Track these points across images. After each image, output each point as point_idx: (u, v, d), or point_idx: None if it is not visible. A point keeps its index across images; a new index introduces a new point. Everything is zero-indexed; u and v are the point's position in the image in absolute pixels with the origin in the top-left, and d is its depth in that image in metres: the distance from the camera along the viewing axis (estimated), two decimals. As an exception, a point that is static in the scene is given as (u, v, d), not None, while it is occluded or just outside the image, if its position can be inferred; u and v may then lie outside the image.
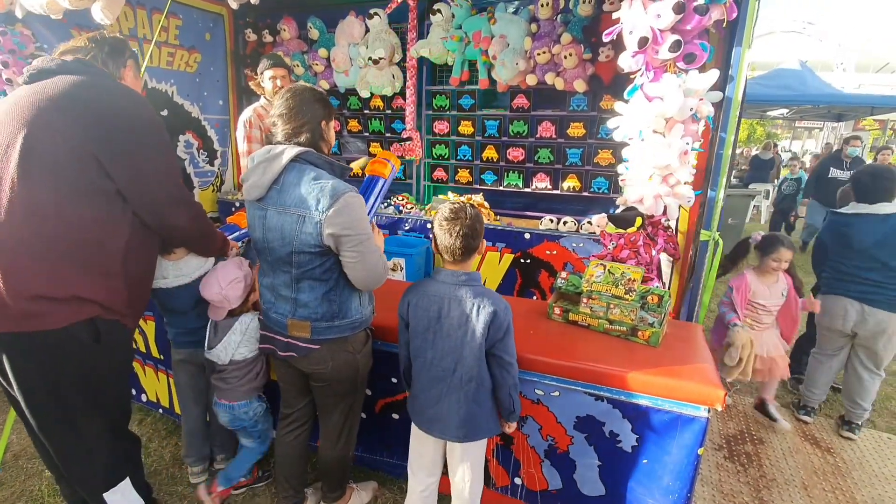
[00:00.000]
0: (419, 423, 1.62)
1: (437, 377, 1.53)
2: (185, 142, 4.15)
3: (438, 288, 1.52)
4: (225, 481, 2.05)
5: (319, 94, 1.55)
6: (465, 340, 1.48)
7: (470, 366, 1.49)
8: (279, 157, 1.45)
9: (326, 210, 1.40)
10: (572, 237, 3.29)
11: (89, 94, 1.36)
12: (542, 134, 3.68)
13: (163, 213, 1.50)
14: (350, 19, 3.81)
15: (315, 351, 1.58)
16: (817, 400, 2.83)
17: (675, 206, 1.85)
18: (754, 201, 8.81)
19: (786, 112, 10.45)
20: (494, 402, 1.58)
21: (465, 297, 1.48)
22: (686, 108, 1.74)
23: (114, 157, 1.35)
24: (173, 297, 1.85)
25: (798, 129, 19.66)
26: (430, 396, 1.56)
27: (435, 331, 1.52)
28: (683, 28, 1.77)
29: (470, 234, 1.47)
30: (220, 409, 1.95)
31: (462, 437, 1.55)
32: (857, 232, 2.51)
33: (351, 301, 1.59)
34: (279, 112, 1.51)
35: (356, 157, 3.20)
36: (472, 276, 1.52)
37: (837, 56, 14.63)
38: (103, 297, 1.41)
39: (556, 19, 3.26)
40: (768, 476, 2.35)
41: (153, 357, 2.42)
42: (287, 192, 1.45)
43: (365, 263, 1.49)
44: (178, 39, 3.91)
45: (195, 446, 2.11)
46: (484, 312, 1.45)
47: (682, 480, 1.60)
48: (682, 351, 1.74)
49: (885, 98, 9.50)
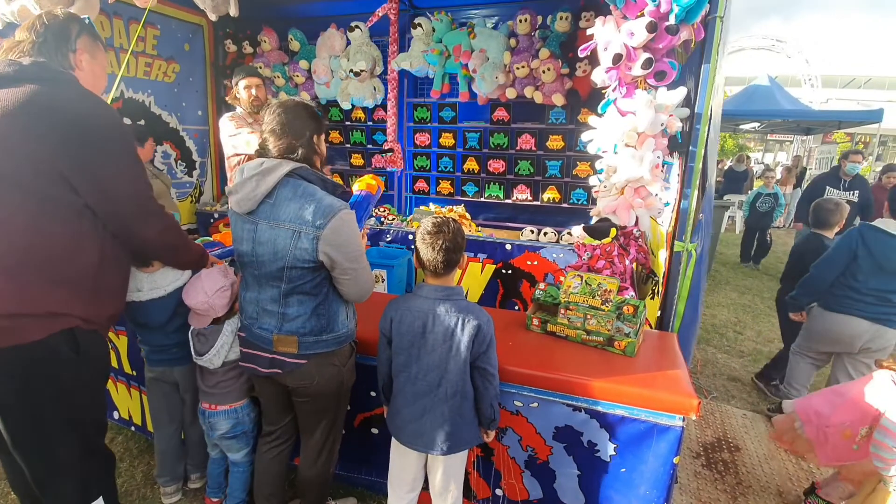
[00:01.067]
0: (401, 438, 1.61)
1: (421, 392, 1.53)
2: (162, 152, 4.09)
3: (421, 304, 1.52)
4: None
5: (310, 109, 1.54)
6: (450, 355, 1.48)
7: (455, 380, 1.50)
8: (273, 171, 1.44)
9: (323, 227, 1.40)
10: (553, 248, 3.34)
11: (49, 106, 1.30)
12: (521, 146, 3.74)
13: (130, 225, 1.46)
14: (331, 32, 3.83)
15: (302, 366, 1.56)
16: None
17: (646, 217, 1.89)
18: (729, 212, 9.05)
19: (757, 126, 10.81)
20: (475, 413, 1.58)
21: (449, 312, 1.49)
22: (657, 122, 1.79)
23: (76, 170, 1.32)
24: (146, 311, 1.80)
25: (770, 142, 20.32)
26: (414, 411, 1.55)
27: (419, 346, 1.51)
28: (655, 46, 1.83)
29: (452, 248, 1.49)
30: (220, 417, 1.88)
31: (446, 449, 1.54)
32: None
33: (338, 315, 1.58)
34: (271, 128, 1.48)
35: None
36: (454, 291, 1.53)
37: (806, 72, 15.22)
38: (80, 310, 1.38)
39: (534, 35, 3.33)
40: (745, 483, 2.39)
41: (125, 373, 2.36)
42: (281, 207, 1.44)
43: (358, 280, 1.53)
44: (156, 49, 3.88)
45: (168, 465, 2.05)
46: (469, 326, 1.47)
47: (658, 489, 1.61)
48: (658, 361, 1.77)
49: (850, 113, 9.92)
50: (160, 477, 2.06)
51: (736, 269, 6.72)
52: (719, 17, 1.93)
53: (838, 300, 2.56)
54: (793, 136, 14.44)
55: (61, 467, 1.45)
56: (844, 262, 2.53)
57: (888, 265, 2.41)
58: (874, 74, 26.98)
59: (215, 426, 1.90)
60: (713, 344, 4.11)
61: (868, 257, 2.46)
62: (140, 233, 1.48)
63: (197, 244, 1.81)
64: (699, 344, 4.09)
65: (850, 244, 2.52)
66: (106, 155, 1.37)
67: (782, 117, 9.40)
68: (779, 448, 2.68)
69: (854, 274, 2.50)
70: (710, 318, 4.69)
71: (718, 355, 3.86)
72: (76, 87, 1.41)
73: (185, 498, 2.13)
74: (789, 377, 2.86)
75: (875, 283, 2.45)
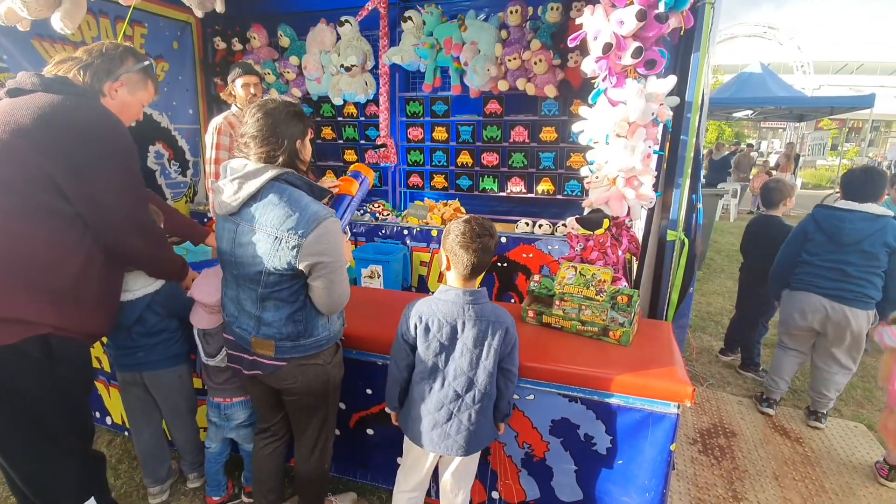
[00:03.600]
0: (422, 443, 1.57)
1: (449, 397, 1.50)
2: (155, 152, 4.06)
3: (450, 309, 1.48)
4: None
5: (294, 110, 1.48)
6: (481, 360, 1.48)
7: (482, 383, 1.49)
8: (257, 175, 1.40)
9: (305, 235, 1.37)
10: (548, 240, 3.34)
11: (55, 114, 1.32)
12: (515, 138, 3.73)
13: (117, 236, 1.46)
14: (321, 27, 3.80)
15: (282, 368, 1.55)
16: (780, 392, 2.91)
17: (638, 207, 1.89)
18: (723, 200, 9.09)
19: (750, 113, 10.82)
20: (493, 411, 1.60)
21: (480, 318, 1.47)
22: (648, 112, 1.79)
23: (70, 177, 1.32)
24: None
25: (763, 130, 20.37)
26: (439, 417, 1.52)
27: (449, 352, 1.49)
28: (644, 35, 1.83)
29: (488, 252, 1.47)
30: (237, 408, 1.92)
31: (467, 451, 1.54)
32: (851, 224, 2.51)
33: (317, 320, 1.55)
34: (252, 133, 1.42)
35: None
36: (480, 294, 1.51)
37: (798, 58, 15.23)
38: (53, 320, 1.37)
39: (525, 26, 3.31)
40: (741, 468, 2.41)
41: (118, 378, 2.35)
42: (264, 212, 1.41)
43: (332, 291, 1.48)
44: (144, 48, 3.83)
45: (150, 468, 2.05)
46: (499, 332, 1.47)
47: (656, 477, 1.63)
48: (652, 349, 1.78)
49: (842, 99, 9.94)
50: (145, 478, 2.07)
51: (731, 257, 6.75)
52: (709, 4, 1.93)
53: (798, 278, 2.73)
54: (786, 124, 14.47)
55: (48, 472, 1.46)
56: (798, 244, 2.72)
57: (837, 237, 2.56)
58: (866, 60, 27.03)
59: (232, 417, 1.93)
60: (708, 332, 4.14)
61: (819, 233, 2.63)
62: (126, 244, 1.49)
63: (178, 256, 1.78)
64: (695, 332, 4.11)
65: (803, 226, 2.73)
66: (102, 162, 1.37)
67: (775, 104, 9.41)
68: (773, 433, 2.72)
69: (809, 251, 2.68)
70: (706, 307, 4.72)
71: (714, 343, 3.89)
72: (89, 100, 1.43)
73: (186, 497, 2.14)
74: (774, 370, 2.93)
75: (828, 256, 2.60)
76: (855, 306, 2.53)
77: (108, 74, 1.51)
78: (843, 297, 2.55)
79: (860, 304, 2.53)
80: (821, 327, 2.65)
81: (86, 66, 1.48)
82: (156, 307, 1.81)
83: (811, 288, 2.65)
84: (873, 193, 2.56)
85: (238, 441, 2.00)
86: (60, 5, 2.18)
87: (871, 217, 2.49)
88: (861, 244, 2.50)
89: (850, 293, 2.53)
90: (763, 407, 2.91)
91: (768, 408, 2.90)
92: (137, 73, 1.57)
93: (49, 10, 2.16)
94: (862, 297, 2.52)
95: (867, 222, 2.49)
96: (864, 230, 2.49)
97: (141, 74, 1.59)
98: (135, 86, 1.58)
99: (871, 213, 2.49)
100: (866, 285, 2.52)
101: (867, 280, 2.52)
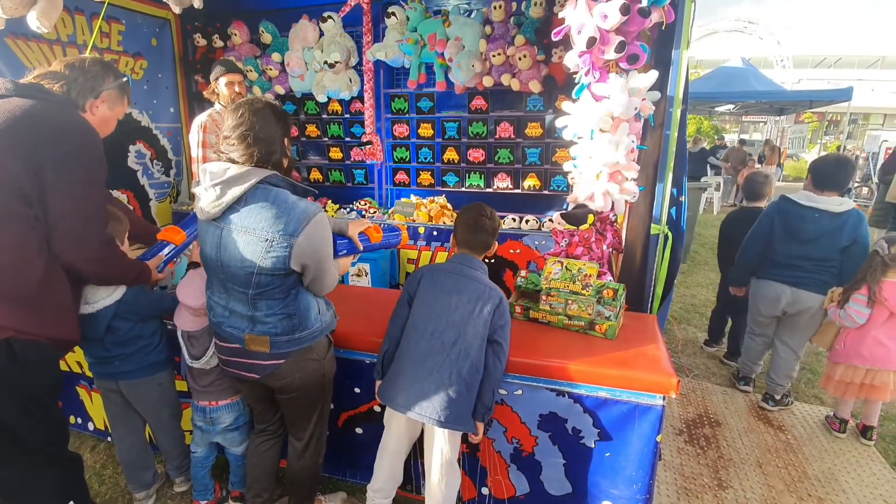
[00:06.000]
0: (398, 402, 1.57)
1: (434, 350, 1.56)
2: (136, 152, 3.97)
3: (456, 267, 1.68)
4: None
5: (277, 110, 1.47)
6: (472, 316, 1.58)
7: (470, 342, 1.57)
8: (240, 180, 1.38)
9: (297, 234, 1.38)
10: (535, 235, 3.35)
11: (26, 115, 1.31)
12: (500, 134, 3.73)
13: (60, 244, 1.41)
14: (303, 23, 3.75)
15: (280, 366, 1.54)
16: (753, 372, 3.09)
17: (622, 202, 1.91)
18: (706, 194, 9.22)
19: (732, 108, 10.97)
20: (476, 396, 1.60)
21: (478, 280, 1.65)
22: (631, 107, 1.80)
23: (31, 174, 1.30)
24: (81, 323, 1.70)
25: (745, 123, 20.68)
26: (420, 371, 1.55)
27: (444, 303, 1.61)
28: (627, 29, 1.83)
29: (477, 226, 1.71)
30: (222, 412, 1.88)
31: (444, 419, 1.53)
32: (812, 223, 2.58)
33: (309, 312, 1.56)
34: (240, 133, 1.40)
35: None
36: (482, 265, 1.71)
37: (778, 53, 15.47)
38: (13, 323, 1.34)
39: (509, 22, 3.31)
40: (726, 457, 2.46)
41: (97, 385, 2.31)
42: (252, 215, 1.39)
43: (322, 282, 1.54)
44: (122, 45, 3.74)
45: (134, 475, 2.02)
46: (494, 297, 1.62)
47: (643, 469, 1.65)
48: (638, 342, 1.80)
49: (821, 92, 10.11)
50: (129, 484, 2.04)
51: (714, 250, 6.83)
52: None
53: (765, 269, 2.82)
54: (766, 117, 14.71)
55: (23, 478, 1.45)
56: (765, 234, 2.77)
57: (798, 234, 2.64)
58: (844, 54, 27.57)
59: (217, 420, 1.90)
60: (693, 323, 4.20)
61: (781, 227, 2.70)
62: (66, 255, 1.44)
63: (134, 264, 1.69)
64: (680, 324, 4.17)
65: (769, 216, 2.78)
66: (63, 165, 1.34)
67: (756, 98, 9.55)
68: (757, 421, 2.77)
69: (773, 244, 2.75)
70: (690, 298, 4.79)
71: (699, 334, 3.95)
72: (65, 106, 1.42)
73: (172, 502, 2.11)
74: (745, 355, 3.09)
75: (789, 251, 2.69)
76: (813, 291, 2.65)
77: (91, 91, 1.53)
78: (804, 283, 2.67)
79: (816, 288, 2.65)
80: (782, 312, 2.78)
81: (67, 83, 1.48)
82: (124, 314, 1.73)
83: (775, 277, 2.76)
84: (843, 181, 2.64)
85: (224, 445, 1.97)
86: (36, 3, 2.12)
87: (832, 215, 2.57)
88: (821, 240, 2.59)
89: (810, 279, 2.66)
90: (741, 385, 3.06)
91: (745, 386, 3.06)
92: (116, 90, 1.59)
93: (25, 9, 2.11)
94: (818, 283, 2.65)
95: (829, 220, 2.57)
96: (825, 227, 2.58)
97: (119, 90, 1.61)
98: (114, 102, 1.60)
99: (832, 212, 2.57)
100: (824, 273, 2.64)
101: (824, 268, 2.64)
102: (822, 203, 2.58)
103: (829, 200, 2.57)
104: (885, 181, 6.22)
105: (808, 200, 2.62)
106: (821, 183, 2.64)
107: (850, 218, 2.54)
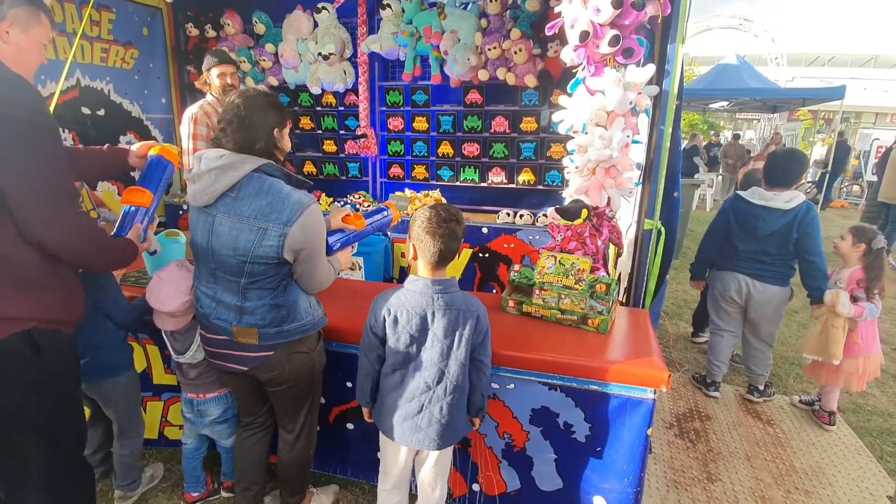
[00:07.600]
0: (393, 436, 1.54)
1: (420, 389, 1.48)
2: (127, 143, 3.93)
3: (419, 299, 1.44)
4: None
5: (272, 100, 1.47)
6: (452, 351, 1.45)
7: (455, 375, 1.46)
8: (235, 167, 1.38)
9: (291, 223, 1.38)
10: (529, 230, 3.36)
11: None
12: (495, 129, 3.72)
13: (22, 227, 1.26)
14: (297, 14, 3.71)
15: (269, 358, 1.54)
16: (721, 373, 3.02)
17: (618, 197, 1.91)
18: (699, 190, 9.26)
19: (726, 104, 11.00)
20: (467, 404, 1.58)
21: (450, 307, 1.43)
22: (626, 101, 1.80)
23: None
24: None
25: (739, 121, 20.76)
26: (410, 408, 1.49)
27: (419, 343, 1.46)
28: (622, 23, 1.83)
29: (455, 238, 1.43)
30: (210, 404, 1.87)
31: (441, 444, 1.52)
32: (763, 222, 2.66)
33: (299, 304, 1.55)
34: (229, 118, 1.40)
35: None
36: (450, 283, 1.47)
37: (772, 50, 15.50)
38: (29, 311, 1.31)
39: (505, 15, 3.29)
40: (715, 450, 2.49)
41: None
42: (244, 203, 1.39)
43: (315, 275, 1.53)
44: (112, 34, 3.68)
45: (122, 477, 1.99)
46: (470, 321, 1.44)
47: (634, 462, 1.66)
48: (630, 337, 1.81)
49: (814, 91, 10.17)
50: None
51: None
52: (686, -7, 1.93)
53: (725, 260, 2.89)
54: (760, 115, 14.76)
55: (33, 479, 1.39)
56: (722, 230, 2.86)
57: (753, 231, 2.70)
58: (837, 52, 27.69)
59: (206, 413, 1.88)
60: (685, 319, 4.23)
61: (736, 224, 2.79)
62: (33, 235, 1.27)
63: (119, 241, 1.52)
64: (671, 319, 4.20)
65: (724, 214, 2.86)
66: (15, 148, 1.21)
67: (750, 96, 9.59)
68: (746, 415, 2.80)
69: (731, 239, 2.83)
70: (682, 294, 4.82)
71: (690, 330, 3.98)
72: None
73: (164, 495, 2.10)
74: (711, 353, 3.06)
75: (747, 246, 2.76)
76: (773, 283, 2.72)
77: None
78: (763, 276, 2.73)
79: (778, 281, 2.72)
80: (744, 303, 2.82)
81: None
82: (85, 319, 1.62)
83: (734, 268, 2.82)
84: (794, 176, 2.70)
85: (213, 437, 1.97)
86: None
87: (780, 213, 2.62)
88: (774, 236, 2.66)
89: (769, 272, 2.72)
90: (710, 391, 2.99)
91: (715, 391, 2.99)
92: (24, 7, 1.31)
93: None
94: (779, 275, 2.72)
95: (779, 216, 2.63)
96: (777, 224, 2.64)
97: (29, 7, 1.32)
98: (26, 22, 1.32)
99: (780, 210, 2.62)
100: (782, 265, 2.72)
101: (783, 261, 2.71)
102: (770, 201, 2.64)
103: (778, 197, 2.63)
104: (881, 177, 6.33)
105: (759, 199, 2.68)
106: (771, 179, 2.72)
107: (798, 212, 2.60)
